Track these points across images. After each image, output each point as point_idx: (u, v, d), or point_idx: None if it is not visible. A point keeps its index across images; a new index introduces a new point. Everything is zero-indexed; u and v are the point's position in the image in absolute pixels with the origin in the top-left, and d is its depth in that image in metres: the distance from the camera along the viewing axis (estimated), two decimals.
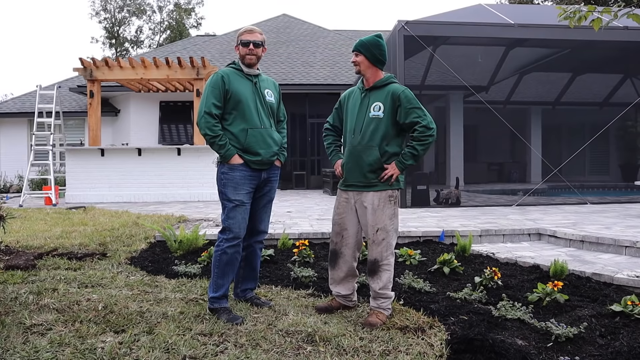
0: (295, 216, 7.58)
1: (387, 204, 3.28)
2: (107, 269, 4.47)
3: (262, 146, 3.39)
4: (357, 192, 3.32)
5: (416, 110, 3.23)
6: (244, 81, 3.43)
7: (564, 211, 7.94)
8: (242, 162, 3.35)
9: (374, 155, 3.24)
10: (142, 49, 41.33)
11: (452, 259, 4.46)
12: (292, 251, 5.01)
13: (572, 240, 5.41)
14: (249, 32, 3.48)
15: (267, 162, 3.44)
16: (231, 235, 3.32)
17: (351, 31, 23.17)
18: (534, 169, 19.00)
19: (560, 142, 19.68)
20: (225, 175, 3.38)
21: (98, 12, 40.75)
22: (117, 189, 10.99)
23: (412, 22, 8.81)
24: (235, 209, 3.33)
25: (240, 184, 3.35)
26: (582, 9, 3.15)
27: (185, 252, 5.03)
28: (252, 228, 3.54)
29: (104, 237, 5.61)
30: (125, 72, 11.71)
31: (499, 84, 15.60)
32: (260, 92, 3.47)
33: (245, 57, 3.44)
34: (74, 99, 17.21)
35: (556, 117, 18.60)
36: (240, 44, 3.46)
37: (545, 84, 17.21)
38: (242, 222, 3.36)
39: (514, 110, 17.91)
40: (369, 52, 3.32)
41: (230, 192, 3.35)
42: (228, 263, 3.33)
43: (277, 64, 17.36)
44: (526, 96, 17.65)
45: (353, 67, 3.40)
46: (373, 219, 3.25)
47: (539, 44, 11.74)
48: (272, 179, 3.56)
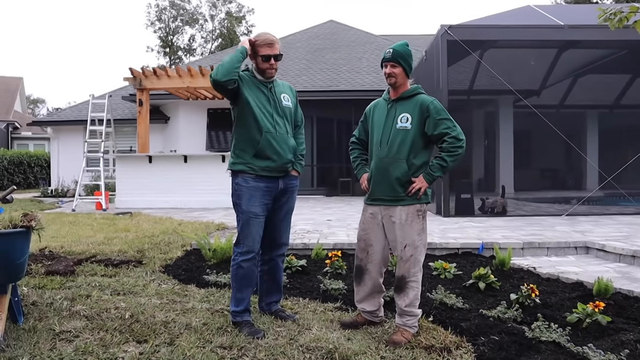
0: (335, 225, 7.52)
1: (416, 218, 3.16)
2: (140, 276, 4.56)
3: (275, 152, 3.28)
4: (385, 207, 3.21)
5: (445, 122, 3.11)
6: (256, 87, 3.35)
7: (618, 222, 7.51)
8: (255, 173, 3.26)
9: (401, 168, 3.13)
10: (195, 57, 42.48)
11: (488, 273, 4.27)
12: (324, 262, 4.94)
13: (622, 255, 5.09)
14: (269, 46, 3.33)
15: (279, 169, 3.32)
16: (245, 249, 3.28)
17: (398, 36, 22.95)
18: (590, 176, 18.12)
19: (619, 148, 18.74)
20: (239, 186, 3.30)
21: (153, 22, 42.23)
22: (164, 195, 11.26)
23: (456, 27, 8.60)
24: (249, 222, 3.27)
25: (254, 196, 3.27)
26: (624, 10, 2.93)
27: (219, 261, 5.06)
28: (273, 241, 3.48)
29: (143, 244, 5.73)
30: (173, 81, 12.02)
31: (552, 87, 15.02)
32: (276, 97, 3.39)
33: (265, 71, 3.35)
34: (127, 106, 17.82)
35: (614, 120, 17.73)
36: (261, 58, 3.34)
37: (601, 87, 16.42)
38: (257, 235, 3.29)
39: (569, 115, 17.19)
40: (406, 62, 3.21)
41: (244, 204, 3.28)
42: (244, 277, 3.29)
43: (324, 70, 17.38)
44: (581, 99, 16.91)
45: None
46: (401, 235, 3.14)
47: (593, 45, 11.23)
48: (290, 189, 3.45)
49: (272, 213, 3.40)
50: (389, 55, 3.20)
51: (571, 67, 13.94)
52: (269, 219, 3.40)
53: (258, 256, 3.44)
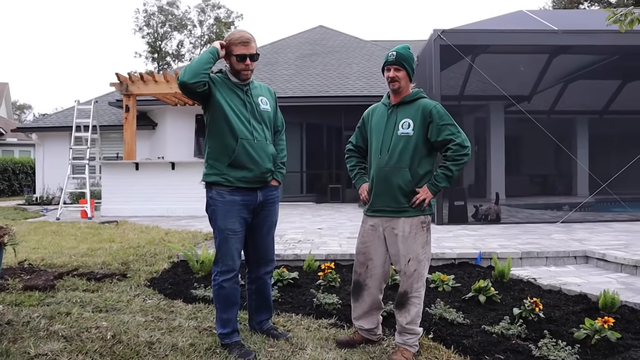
0: (326, 234, 7.33)
1: (420, 231, 2.98)
2: (124, 291, 4.33)
3: (252, 161, 3.00)
4: (387, 219, 3.02)
5: (449, 127, 2.93)
6: (231, 91, 3.07)
7: (614, 229, 7.39)
8: (231, 184, 2.99)
9: (404, 177, 2.94)
10: (183, 62, 42.17)
11: (488, 286, 4.11)
12: (317, 274, 4.75)
13: (623, 265, 4.95)
14: (245, 45, 3.03)
15: (257, 180, 3.06)
16: (225, 268, 3.03)
17: (387, 42, 22.92)
18: (581, 182, 18.13)
19: (608, 153, 18.77)
20: (213, 200, 3.03)
21: (141, 28, 41.92)
22: (151, 203, 11.00)
23: (449, 31, 8.48)
24: (226, 239, 3.00)
25: (231, 211, 2.99)
26: (635, 11, 2.79)
27: (207, 274, 4.84)
28: (259, 259, 3.24)
29: (128, 256, 5.50)
30: (160, 87, 11.78)
31: (543, 93, 14.99)
32: (253, 101, 3.11)
33: (241, 73, 3.06)
34: (113, 112, 17.52)
35: (604, 126, 17.75)
36: (235, 57, 3.04)
37: (592, 92, 16.44)
38: (235, 252, 3.04)
39: (559, 120, 17.19)
40: (410, 66, 3.02)
41: (220, 220, 3.01)
42: (227, 297, 3.05)
43: (313, 75, 17.23)
44: (571, 105, 16.91)
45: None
46: (404, 248, 2.95)
47: (585, 51, 11.19)
48: (270, 200, 3.17)
49: (254, 229, 3.15)
50: (392, 58, 3.00)
51: (562, 72, 13.92)
52: (252, 235, 3.16)
53: (246, 274, 3.24)
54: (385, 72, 3.04)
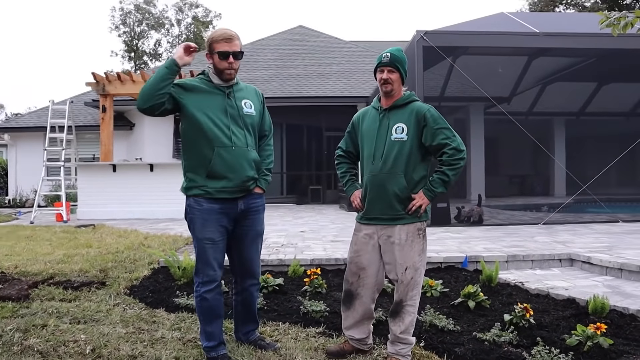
0: (309, 237, 7.23)
1: (416, 238, 2.89)
2: (103, 300, 4.16)
3: (231, 169, 2.83)
4: (382, 227, 2.92)
5: (444, 131, 2.85)
6: (212, 94, 2.90)
7: (595, 231, 7.45)
8: (211, 196, 2.84)
9: (399, 183, 2.85)
10: (161, 61, 41.61)
11: (477, 291, 4.06)
12: (303, 280, 4.64)
13: (608, 267, 4.96)
14: (227, 42, 2.86)
15: (238, 189, 2.89)
16: (206, 279, 2.89)
17: (367, 42, 22.93)
18: (558, 182, 18.39)
19: (584, 154, 19.08)
20: (191, 208, 2.88)
21: (117, 26, 41.25)
22: (129, 206, 10.76)
23: (432, 32, 8.46)
24: (204, 249, 2.86)
25: (208, 220, 2.85)
26: (629, 15, 2.76)
27: (190, 280, 4.69)
28: (244, 271, 3.10)
29: (106, 262, 5.31)
30: (138, 86, 11.50)
31: (521, 94, 15.14)
32: (235, 104, 2.93)
33: (224, 71, 2.90)
34: (89, 112, 17.15)
35: (581, 127, 18.02)
36: (218, 55, 2.88)
37: (569, 94, 16.66)
38: (215, 262, 2.89)
39: (537, 122, 17.40)
40: (403, 68, 2.93)
41: (197, 229, 2.87)
42: (211, 309, 2.92)
43: (293, 76, 17.12)
44: (549, 107, 17.13)
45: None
46: (401, 256, 2.86)
47: (564, 54, 11.29)
48: (254, 209, 3.00)
49: (237, 238, 3.01)
50: (386, 59, 2.90)
51: (541, 74, 14.07)
52: (236, 245, 3.02)
53: (232, 284, 3.13)
54: (377, 73, 2.95)
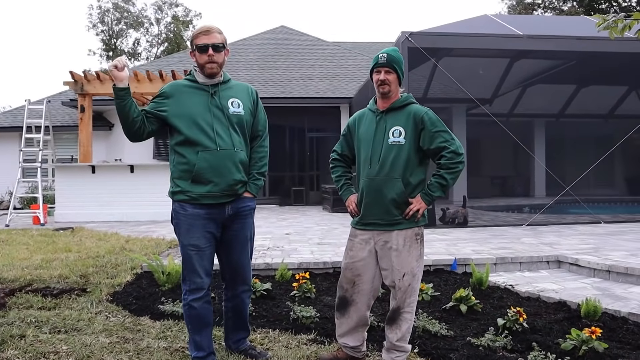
0: (295, 239, 7.13)
1: (414, 243, 2.81)
2: (85, 307, 4.00)
3: (216, 173, 2.72)
4: (379, 232, 2.83)
5: (442, 134, 2.78)
6: (195, 94, 2.79)
7: (579, 232, 7.49)
8: (197, 202, 2.74)
9: (396, 187, 2.77)
10: (140, 61, 41.09)
11: (469, 295, 4.01)
12: (291, 285, 4.54)
13: (596, 270, 4.97)
14: (206, 34, 2.77)
15: (225, 194, 2.77)
16: (193, 287, 2.78)
17: (350, 43, 22.91)
18: (538, 183, 18.60)
19: (563, 155, 19.33)
20: (176, 213, 2.78)
21: (95, 25, 40.54)
22: (109, 208, 10.52)
23: (417, 34, 8.44)
24: (190, 256, 2.76)
25: (194, 225, 2.74)
26: (627, 19, 2.73)
27: (174, 286, 4.57)
28: (235, 277, 2.97)
29: (87, 268, 5.14)
30: None
31: (502, 96, 15.26)
32: (220, 104, 2.80)
33: (205, 66, 2.78)
34: (67, 112, 16.79)
35: (560, 129, 18.25)
36: (196, 49, 2.79)
37: (549, 96, 16.86)
38: (202, 269, 2.78)
39: (517, 123, 17.56)
40: (400, 69, 2.85)
41: (183, 236, 2.77)
42: (199, 318, 2.80)
43: (276, 76, 17.00)
44: (529, 108, 17.30)
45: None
46: (398, 262, 2.78)
47: (546, 56, 11.38)
48: (242, 213, 2.88)
49: (226, 244, 2.89)
50: (383, 60, 2.82)
51: (522, 76, 14.18)
52: (225, 251, 2.91)
53: (223, 291, 3.02)
54: (374, 74, 2.87)
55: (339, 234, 7.81)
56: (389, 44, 23.90)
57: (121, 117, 2.71)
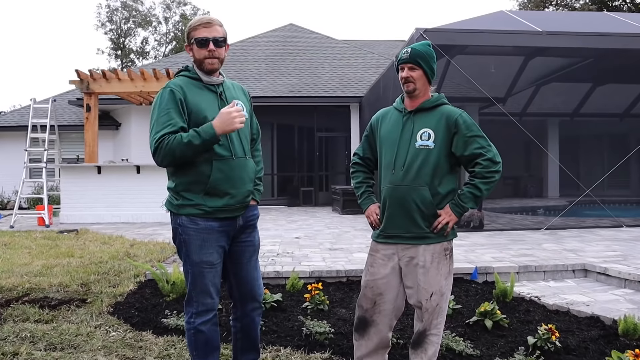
0: (305, 244, 6.87)
1: (443, 259, 2.53)
2: (84, 320, 3.76)
3: (233, 185, 2.46)
4: (404, 246, 2.53)
5: (478, 140, 2.49)
6: (204, 93, 2.50)
7: (602, 237, 7.17)
8: (206, 213, 2.44)
9: (423, 197, 2.48)
10: (148, 60, 41.05)
11: (494, 309, 3.73)
12: (303, 295, 4.28)
13: (628, 280, 4.66)
14: (206, 26, 2.47)
15: (239, 207, 2.53)
16: (202, 308, 2.48)
17: (360, 41, 22.61)
18: (552, 184, 18.24)
19: (577, 155, 18.95)
20: (184, 228, 2.46)
21: (104, 24, 40.60)
22: (115, 209, 10.33)
23: (432, 30, 8.14)
24: (202, 274, 2.46)
25: (207, 240, 2.45)
26: None
27: (179, 296, 4.31)
28: (245, 293, 2.68)
29: (88, 275, 4.90)
30: (124, 85, 11.10)
31: (515, 95, 14.92)
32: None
33: (204, 61, 2.48)
34: (74, 111, 16.64)
35: (575, 128, 17.86)
36: (195, 43, 2.48)
37: (563, 95, 16.50)
38: (214, 288, 2.51)
39: (530, 122, 17.20)
40: (428, 65, 2.56)
41: (194, 253, 2.46)
42: (208, 342, 2.51)
43: (284, 75, 16.75)
44: (543, 107, 16.94)
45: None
46: (426, 281, 2.49)
47: (563, 53, 11.04)
48: (251, 223, 2.67)
49: (234, 257, 2.61)
50: (406, 55, 2.55)
51: (537, 74, 13.82)
52: (233, 266, 2.63)
53: (230, 310, 2.76)
54: (399, 72, 2.60)
55: (351, 238, 7.54)
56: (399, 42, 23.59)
57: (189, 155, 2.37)
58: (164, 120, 2.38)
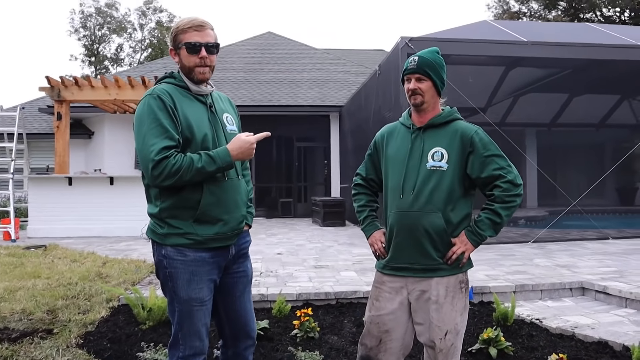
0: (288, 261, 6.56)
1: (458, 293, 2.26)
2: (49, 356, 3.38)
3: (226, 209, 2.17)
4: (414, 279, 2.26)
5: (496, 160, 2.23)
6: (194, 104, 2.18)
7: (592, 251, 7.04)
8: (197, 243, 2.13)
9: (436, 224, 2.21)
10: (123, 67, 40.26)
11: (499, 336, 3.48)
12: (290, 321, 3.98)
13: (629, 299, 4.48)
14: (198, 29, 2.16)
15: (233, 234, 2.22)
16: (190, 352, 2.15)
17: (338, 50, 22.48)
18: (530, 194, 18.28)
19: (554, 165, 19.07)
20: (170, 260, 2.13)
21: (77, 29, 39.70)
22: (86, 222, 9.83)
23: (417, 39, 7.96)
24: (191, 313, 2.14)
25: (197, 273, 2.13)
26: None
27: (157, 324, 3.97)
28: (237, 331, 2.36)
29: (56, 300, 4.50)
30: (97, 93, 10.67)
31: (495, 105, 14.93)
32: (220, 120, 2.25)
33: (194, 70, 2.18)
34: (44, 119, 16.03)
35: (552, 138, 17.98)
36: (185, 48, 2.16)
37: (541, 105, 16.58)
38: (204, 329, 2.19)
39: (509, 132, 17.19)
40: (438, 75, 2.30)
41: (181, 289, 2.13)
42: None
43: (263, 84, 16.45)
44: (521, 117, 17.00)
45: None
46: (439, 318, 2.21)
47: (544, 64, 11.00)
48: (244, 250, 2.36)
49: (224, 290, 2.29)
50: (413, 65, 2.28)
51: (516, 85, 13.83)
52: (224, 300, 2.31)
53: (220, 348, 2.45)
54: (405, 83, 2.34)
55: (335, 253, 7.26)
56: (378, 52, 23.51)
57: (195, 181, 2.08)
58: (158, 131, 2.04)
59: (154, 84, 9.21)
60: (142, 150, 2.05)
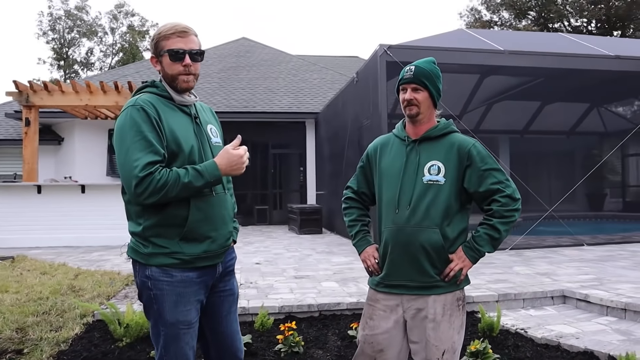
0: (267, 271, 6.44)
1: (455, 311, 2.19)
2: None
3: (214, 226, 2.07)
4: (410, 297, 2.18)
5: (494, 174, 2.17)
6: (178, 115, 2.07)
7: (569, 258, 7.11)
8: (183, 262, 2.01)
9: (433, 240, 2.13)
10: (93, 71, 39.54)
11: (487, 349, 3.44)
12: (274, 335, 3.87)
13: (610, 307, 4.50)
14: (181, 35, 2.05)
15: (220, 252, 2.12)
16: None
17: (314, 56, 22.47)
18: None
19: (526, 171, 19.38)
20: (155, 282, 2.00)
21: (46, 32, 38.89)
22: (56, 232, 9.53)
23: (396, 47, 7.96)
24: (177, 337, 2.01)
25: (184, 295, 2.01)
26: None
27: (134, 340, 3.82)
28: (224, 351, 2.24)
29: (26, 317, 4.29)
30: (68, 98, 10.40)
31: (470, 112, 15.11)
32: (205, 132, 2.15)
33: (177, 78, 2.06)
34: (11, 125, 15.54)
35: (524, 145, 18.29)
36: (168, 55, 2.05)
37: (513, 113, 16.84)
38: (191, 352, 2.06)
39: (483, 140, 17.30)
40: (434, 86, 2.24)
41: (167, 312, 2.00)
42: None
43: (238, 90, 16.30)
44: (494, 125, 17.24)
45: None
46: (436, 337, 2.14)
47: (517, 72, 11.15)
48: (230, 268, 2.25)
49: (211, 312, 2.18)
50: (409, 74, 2.22)
51: (490, 93, 14.01)
52: (209, 321, 2.19)
53: None
54: (400, 94, 2.27)
55: (315, 262, 7.17)
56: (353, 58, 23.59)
57: (181, 197, 1.96)
58: (142, 145, 1.91)
59: (127, 89, 8.87)
60: (125, 165, 1.92)
